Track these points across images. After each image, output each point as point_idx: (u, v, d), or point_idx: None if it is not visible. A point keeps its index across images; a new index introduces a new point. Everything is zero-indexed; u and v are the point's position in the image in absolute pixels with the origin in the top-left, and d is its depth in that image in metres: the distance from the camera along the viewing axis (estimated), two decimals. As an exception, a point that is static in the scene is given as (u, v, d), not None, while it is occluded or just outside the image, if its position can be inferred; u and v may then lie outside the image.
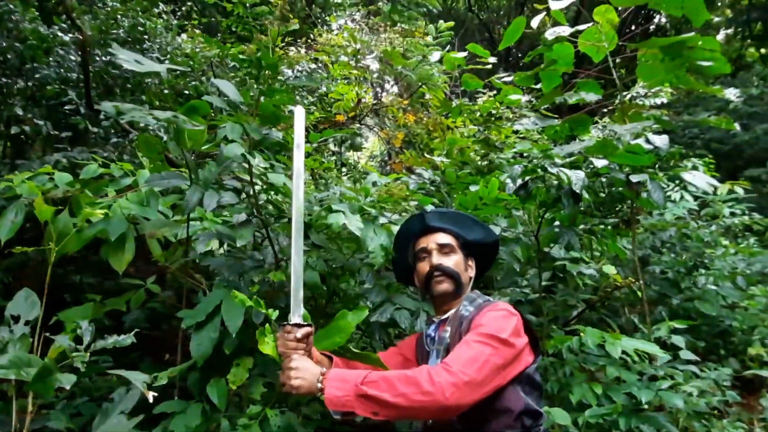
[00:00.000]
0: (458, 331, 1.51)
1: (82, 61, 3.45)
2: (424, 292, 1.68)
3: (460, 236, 1.68)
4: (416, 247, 1.69)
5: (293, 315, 1.36)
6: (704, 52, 3.43)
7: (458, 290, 1.60)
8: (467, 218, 1.72)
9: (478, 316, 1.47)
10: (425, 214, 1.70)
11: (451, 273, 1.59)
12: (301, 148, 1.42)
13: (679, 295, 4.07)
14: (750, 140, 10.99)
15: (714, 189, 5.98)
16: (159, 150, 2.31)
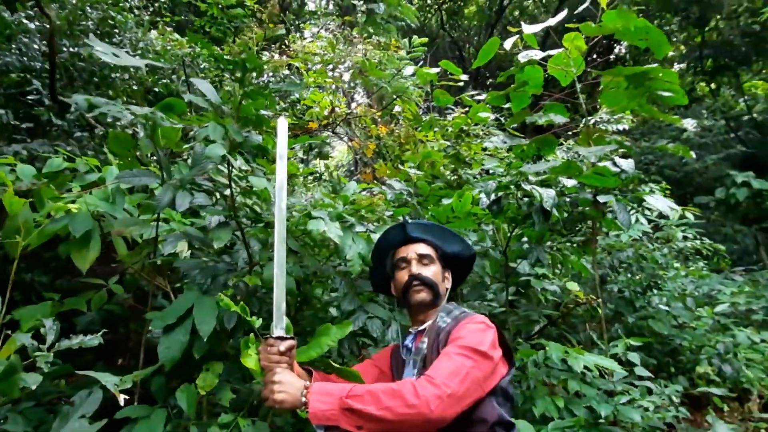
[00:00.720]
0: (435, 341, 1.52)
1: (48, 50, 3.32)
2: (401, 301, 1.69)
3: (439, 248, 1.71)
4: (396, 256, 1.71)
5: (276, 327, 1.34)
6: (664, 83, 3.63)
7: (436, 300, 1.62)
8: (446, 231, 1.75)
9: (456, 328, 1.49)
10: (406, 224, 1.71)
11: (429, 283, 1.62)
12: (283, 158, 1.42)
13: (635, 313, 4.24)
14: (700, 169, 11.59)
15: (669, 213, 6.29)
16: (130, 147, 2.25)
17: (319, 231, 1.63)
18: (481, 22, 17.26)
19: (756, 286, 7.44)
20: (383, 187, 3.58)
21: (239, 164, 1.60)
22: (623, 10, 3.65)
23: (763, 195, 9.54)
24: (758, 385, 3.95)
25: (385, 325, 2.05)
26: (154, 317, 1.59)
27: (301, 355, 1.43)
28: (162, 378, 1.67)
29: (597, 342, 3.36)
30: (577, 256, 2.92)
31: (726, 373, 3.96)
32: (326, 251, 2.15)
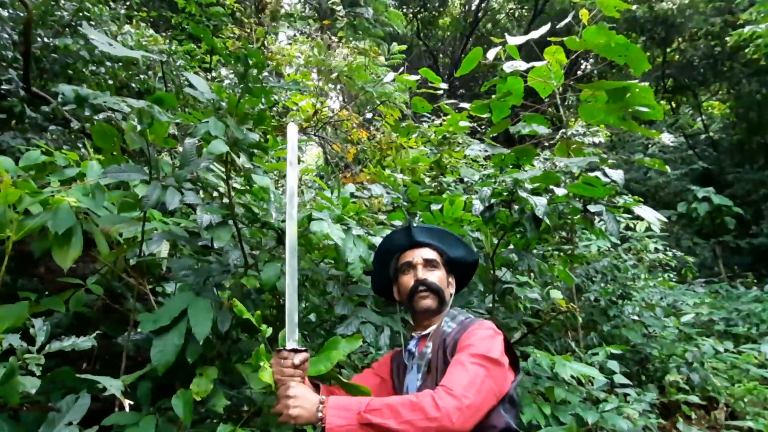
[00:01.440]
0: (441, 347, 1.51)
1: (24, 40, 3.16)
2: (406, 305, 1.66)
3: (444, 253, 1.70)
4: (400, 260, 1.68)
5: (288, 339, 1.29)
6: (642, 99, 3.75)
7: (441, 306, 1.61)
8: (451, 235, 1.74)
9: (465, 335, 1.48)
10: (412, 228, 1.70)
11: (435, 288, 1.60)
12: (294, 165, 1.38)
13: (609, 322, 4.33)
14: (662, 183, 12.04)
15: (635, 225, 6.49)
16: (116, 141, 2.15)
17: (323, 233, 1.59)
18: (455, 33, 17.53)
19: (716, 298, 7.76)
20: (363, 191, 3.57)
21: (242, 161, 1.55)
22: (603, 27, 3.76)
23: (721, 210, 9.97)
24: (725, 393, 4.10)
25: (378, 331, 2.02)
26: (145, 319, 1.52)
27: (310, 369, 1.38)
28: (149, 383, 1.59)
29: (575, 350, 3.41)
30: (563, 264, 2.96)
31: (694, 382, 4.09)
32: (318, 254, 2.11)
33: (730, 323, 6.57)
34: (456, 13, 17.65)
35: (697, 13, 12.45)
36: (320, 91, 5.60)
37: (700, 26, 12.61)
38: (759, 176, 12.20)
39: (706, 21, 12.23)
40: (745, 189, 12.10)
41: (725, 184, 12.39)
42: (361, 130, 5.30)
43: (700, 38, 13.70)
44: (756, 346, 5.28)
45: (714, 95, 16.58)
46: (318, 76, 4.75)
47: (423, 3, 16.19)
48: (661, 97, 17.11)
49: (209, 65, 6.33)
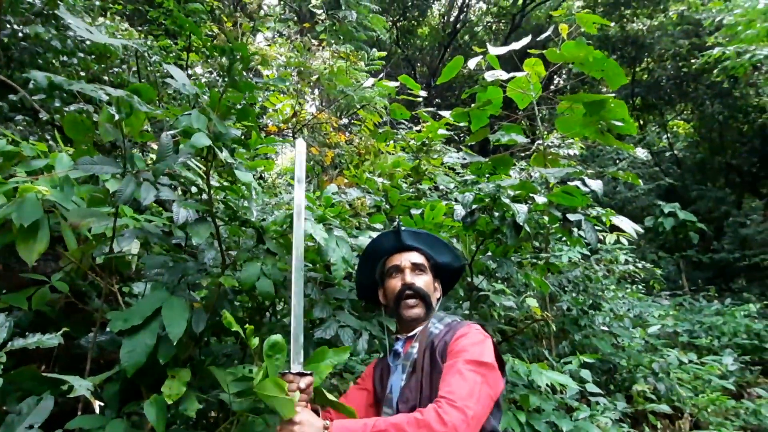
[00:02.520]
0: (428, 348, 1.49)
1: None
2: (392, 309, 1.64)
3: (431, 258, 1.68)
4: (388, 263, 1.66)
5: (294, 362, 1.25)
6: (617, 113, 3.84)
7: (428, 313, 1.60)
8: (438, 240, 1.73)
9: (455, 339, 1.47)
10: (401, 231, 1.68)
11: (422, 294, 1.58)
12: (302, 182, 1.34)
13: (580, 332, 4.39)
14: (630, 198, 12.38)
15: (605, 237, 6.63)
16: (89, 132, 2.07)
17: (306, 232, 1.55)
18: (433, 43, 17.70)
19: (680, 310, 7.99)
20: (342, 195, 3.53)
21: (224, 156, 1.50)
22: (582, 42, 3.84)
23: (685, 225, 10.30)
24: (689, 403, 4.19)
25: (357, 335, 1.99)
26: (115, 317, 1.44)
27: None
28: (116, 385, 1.52)
29: (548, 358, 3.44)
30: (540, 273, 2.99)
31: (661, 391, 4.17)
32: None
33: (693, 335, 6.77)
34: (435, 24, 17.84)
35: (665, 35, 12.91)
36: (300, 93, 5.56)
37: (668, 48, 13.07)
38: (720, 194, 12.68)
39: (674, 43, 12.69)
40: (707, 206, 12.56)
41: (689, 201, 12.83)
42: (340, 134, 5.27)
43: (667, 59, 14.21)
44: (718, 358, 5.44)
45: (679, 114, 17.19)
46: (297, 78, 4.70)
47: (403, 11, 16.31)
48: (629, 114, 17.65)
49: (185, 62, 6.20)
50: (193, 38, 5.57)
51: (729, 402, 4.28)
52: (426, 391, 1.46)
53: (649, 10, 13.24)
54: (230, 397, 1.47)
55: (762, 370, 6.33)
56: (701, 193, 13.02)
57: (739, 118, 13.22)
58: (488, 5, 17.53)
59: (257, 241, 1.68)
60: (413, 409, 1.43)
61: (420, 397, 1.46)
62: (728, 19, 7.12)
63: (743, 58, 6.63)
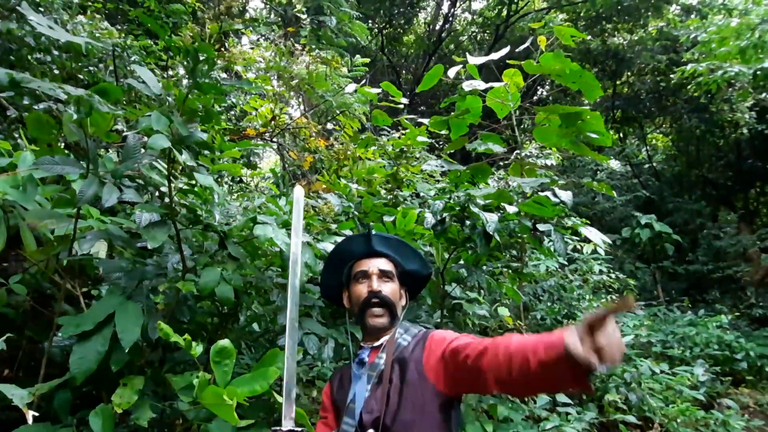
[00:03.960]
0: (397, 362, 1.47)
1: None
2: (357, 315, 1.61)
3: (399, 265, 1.66)
4: (356, 268, 1.63)
5: (285, 418, 1.20)
6: (593, 125, 3.89)
7: (393, 322, 1.58)
8: (408, 247, 1.71)
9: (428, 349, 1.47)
10: (372, 236, 1.65)
11: (388, 302, 1.56)
12: (298, 233, 1.32)
13: (553, 341, 4.41)
14: (609, 208, 12.55)
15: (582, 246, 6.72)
16: (52, 132, 2.02)
17: (266, 237, 1.52)
18: (418, 51, 17.81)
19: (654, 321, 8.09)
20: (317, 200, 3.51)
21: (184, 158, 1.47)
22: (560, 53, 3.89)
23: (661, 237, 10.46)
24: (659, 413, 4.24)
25: (322, 342, 1.96)
26: (67, 323, 1.40)
27: (243, 387, 1.29)
28: (67, 393, 1.47)
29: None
30: (512, 282, 2.99)
31: (632, 402, 4.21)
32: (265, 261, 2.04)
33: (666, 345, 6.86)
34: (421, 32, 17.96)
35: (645, 50, 13.16)
36: (280, 97, 5.53)
37: (648, 62, 13.34)
38: (696, 207, 12.93)
39: (653, 57, 12.95)
40: (683, 218, 12.79)
41: (666, 213, 13.05)
42: (320, 139, 5.25)
43: (647, 73, 14.50)
44: (689, 368, 5.51)
45: (658, 128, 17.53)
46: (278, 82, 4.67)
47: (389, 19, 16.39)
48: (610, 127, 17.96)
49: (166, 63, 6.13)
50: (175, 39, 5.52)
51: (698, 413, 4.33)
52: (393, 404, 1.43)
53: (629, 25, 13.50)
54: (185, 405, 1.43)
55: (733, 381, 6.44)
56: (678, 205, 13.26)
57: (715, 132, 13.53)
58: (473, 16, 17.73)
59: (219, 246, 1.65)
60: (377, 421, 1.41)
61: (386, 408, 1.44)
62: (702, 36, 7.28)
63: (716, 75, 6.79)
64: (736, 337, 7.06)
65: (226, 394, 1.16)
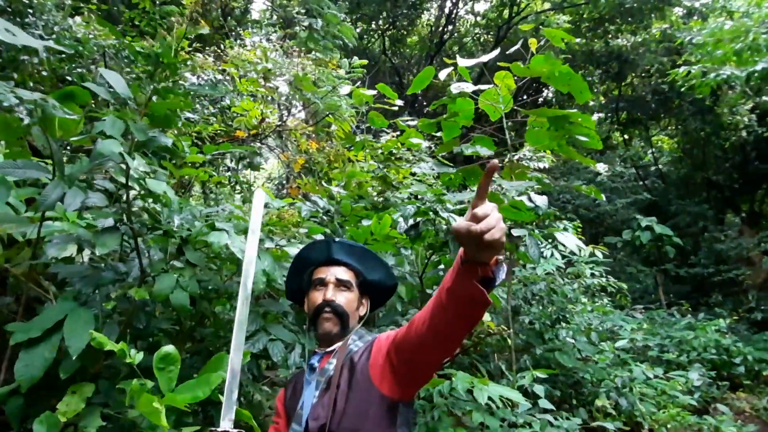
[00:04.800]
0: (347, 365, 1.46)
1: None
2: (310, 321, 1.60)
3: (361, 274, 1.64)
4: (314, 274, 1.62)
5: (224, 419, 1.18)
6: (582, 128, 3.84)
7: (343, 331, 1.56)
8: (371, 256, 1.68)
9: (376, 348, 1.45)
10: (332, 243, 1.63)
11: (340, 312, 1.54)
12: (255, 233, 1.30)
13: (543, 345, 4.37)
14: (611, 211, 12.45)
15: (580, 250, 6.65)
16: (20, 134, 2.01)
17: (220, 244, 1.51)
18: (421, 52, 17.78)
19: (653, 324, 8.01)
20: (307, 203, 3.49)
21: (136, 164, 1.45)
22: (550, 56, 3.85)
23: (663, 239, 10.37)
24: (649, 419, 4.18)
25: (288, 349, 1.94)
26: (17, 329, 1.39)
27: (185, 392, 1.27)
28: (20, 399, 1.46)
29: (506, 372, 3.41)
30: (490, 287, 2.95)
31: (622, 407, 4.16)
32: (234, 266, 2.02)
33: (663, 349, 6.79)
34: (423, 34, 17.93)
35: (648, 52, 13.06)
36: (274, 99, 5.52)
37: (651, 64, 13.23)
38: (699, 209, 12.80)
39: (656, 59, 12.85)
40: (686, 221, 12.67)
41: (670, 215, 12.94)
42: (311, 141, 5.23)
43: (651, 75, 14.38)
44: (684, 373, 5.45)
45: (663, 130, 17.39)
46: (267, 84, 4.66)
47: (392, 21, 16.37)
48: (615, 129, 17.85)
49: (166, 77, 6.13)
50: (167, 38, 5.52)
51: (690, 418, 4.28)
52: (340, 410, 1.42)
53: (632, 26, 13.39)
54: (135, 413, 1.42)
55: (730, 386, 6.36)
56: (681, 207, 13.14)
57: (721, 134, 13.39)
58: (476, 17, 17.67)
59: (178, 252, 1.63)
60: (323, 427, 1.39)
61: (332, 414, 1.42)
62: (697, 39, 7.20)
63: (708, 78, 6.71)
64: (734, 341, 6.98)
65: (156, 400, 1.14)
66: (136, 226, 1.59)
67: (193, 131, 4.80)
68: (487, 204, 1.02)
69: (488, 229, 0.99)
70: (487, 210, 1.00)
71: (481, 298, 1.10)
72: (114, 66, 4.95)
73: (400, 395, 1.42)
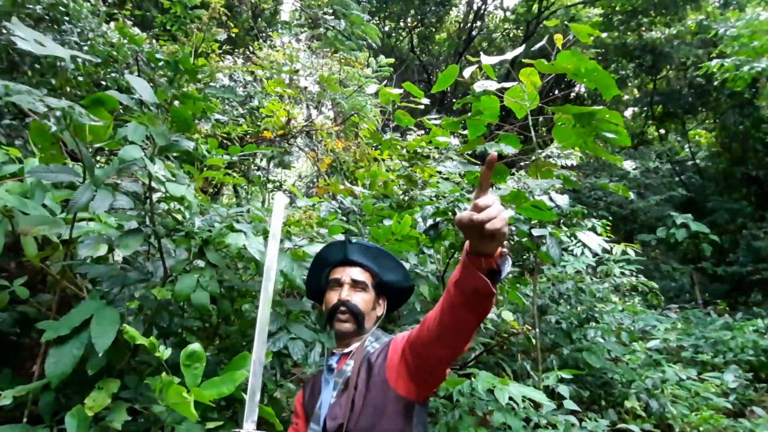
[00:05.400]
0: (364, 366, 1.48)
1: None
2: (326, 320, 1.63)
3: (377, 275, 1.66)
4: (331, 275, 1.65)
5: (247, 420, 1.20)
6: (610, 125, 3.75)
7: (359, 330, 1.58)
8: (388, 257, 1.70)
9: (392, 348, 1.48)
10: (348, 245, 1.66)
11: (356, 312, 1.56)
12: (276, 238, 1.33)
13: (570, 345, 4.30)
14: (644, 208, 12.11)
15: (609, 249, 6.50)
16: (53, 139, 2.10)
17: (238, 246, 1.55)
18: (450, 49, 17.65)
19: (688, 324, 7.76)
20: (332, 201, 3.53)
21: (156, 168, 1.50)
22: (576, 51, 3.77)
23: (699, 237, 10.03)
24: (681, 422, 4.06)
25: (309, 348, 1.97)
26: (47, 327, 1.46)
27: (211, 389, 1.30)
28: (52, 394, 1.53)
29: (531, 372, 3.37)
30: (512, 287, 2.93)
31: (652, 409, 4.05)
32: (254, 266, 2.06)
33: (698, 350, 6.57)
34: (452, 30, 17.79)
35: (684, 44, 12.63)
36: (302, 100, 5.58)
37: (687, 56, 12.79)
38: (738, 206, 12.32)
39: (692, 52, 12.41)
40: (725, 217, 12.22)
41: (707, 212, 12.50)
42: (337, 141, 5.28)
43: (687, 68, 13.91)
44: (719, 374, 5.27)
45: (701, 124, 16.79)
46: (292, 84, 4.72)
47: (420, 18, 16.31)
48: (650, 124, 17.33)
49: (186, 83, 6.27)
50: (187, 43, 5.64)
51: (724, 421, 4.13)
52: (357, 409, 1.44)
53: (666, 18, 12.97)
54: (160, 408, 1.47)
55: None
56: (718, 204, 12.67)
57: (761, 128, 12.84)
58: (505, 12, 17.43)
59: (199, 253, 1.68)
60: (341, 427, 1.42)
61: (350, 415, 1.44)
62: (731, 30, 6.90)
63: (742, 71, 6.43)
64: (774, 342, 6.69)
65: (185, 391, 1.18)
66: (159, 228, 1.64)
67: (222, 132, 4.91)
68: (489, 195, 1.04)
69: (489, 218, 1.00)
70: (488, 201, 1.02)
71: (485, 290, 1.11)
72: (147, 71, 5.11)
73: (416, 395, 1.44)
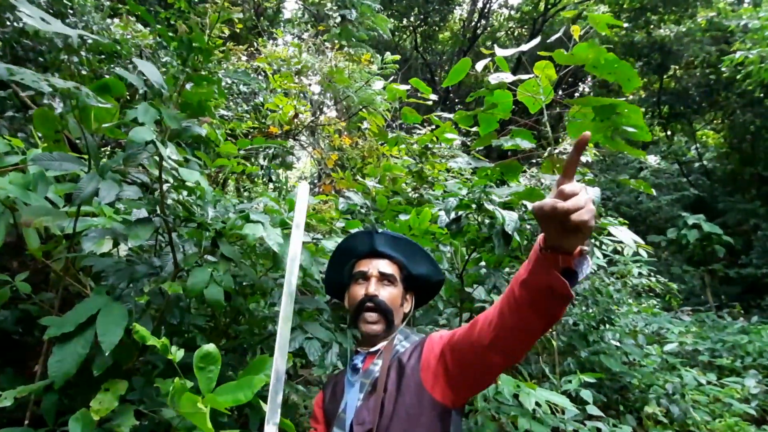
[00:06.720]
0: (394, 368, 1.36)
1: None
2: (351, 318, 1.52)
3: (405, 268, 1.54)
4: (356, 267, 1.54)
5: (269, 423, 1.11)
6: (630, 119, 3.63)
7: (388, 330, 1.46)
8: (417, 248, 1.58)
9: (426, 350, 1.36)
10: (375, 235, 1.54)
11: (384, 308, 1.45)
12: (300, 227, 1.23)
13: (587, 348, 4.17)
14: (653, 208, 11.98)
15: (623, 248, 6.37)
16: (57, 128, 2.00)
17: (256, 237, 1.43)
18: (453, 48, 17.55)
19: (702, 327, 7.62)
20: (340, 198, 3.42)
21: (169, 152, 1.40)
22: (594, 43, 3.65)
23: (710, 238, 9.89)
24: (704, 428, 3.94)
25: (325, 348, 1.85)
26: (51, 323, 1.35)
27: (226, 394, 1.19)
28: (54, 395, 1.42)
29: (549, 375, 3.25)
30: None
31: (674, 414, 3.92)
32: (268, 262, 1.95)
33: (714, 354, 6.43)
34: (456, 29, 17.70)
35: (693, 42, 12.49)
36: (307, 96, 5.48)
37: (697, 54, 12.65)
38: (750, 206, 12.17)
39: (702, 49, 12.27)
40: (736, 218, 12.06)
41: (717, 213, 12.35)
42: (344, 137, 5.17)
43: (696, 66, 13.77)
44: (739, 379, 5.13)
45: (709, 124, 16.63)
46: (298, 80, 4.62)
47: (424, 17, 16.21)
48: (656, 123, 17.17)
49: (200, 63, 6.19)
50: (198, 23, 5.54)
51: (749, 428, 4.00)
52: (387, 414, 1.32)
53: (676, 15, 12.84)
54: (170, 413, 1.36)
55: (789, 394, 5.96)
56: (730, 204, 12.51)
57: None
58: (510, 11, 17.32)
59: (212, 245, 1.57)
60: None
61: (379, 419, 1.32)
62: (753, 23, 6.77)
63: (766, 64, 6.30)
64: (793, 346, 6.54)
65: (200, 401, 1.07)
66: (169, 218, 1.54)
67: (226, 128, 4.82)
68: (575, 182, 0.89)
69: (577, 208, 0.85)
70: (575, 188, 0.87)
71: (562, 290, 0.96)
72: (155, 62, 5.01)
73: (453, 401, 1.31)
